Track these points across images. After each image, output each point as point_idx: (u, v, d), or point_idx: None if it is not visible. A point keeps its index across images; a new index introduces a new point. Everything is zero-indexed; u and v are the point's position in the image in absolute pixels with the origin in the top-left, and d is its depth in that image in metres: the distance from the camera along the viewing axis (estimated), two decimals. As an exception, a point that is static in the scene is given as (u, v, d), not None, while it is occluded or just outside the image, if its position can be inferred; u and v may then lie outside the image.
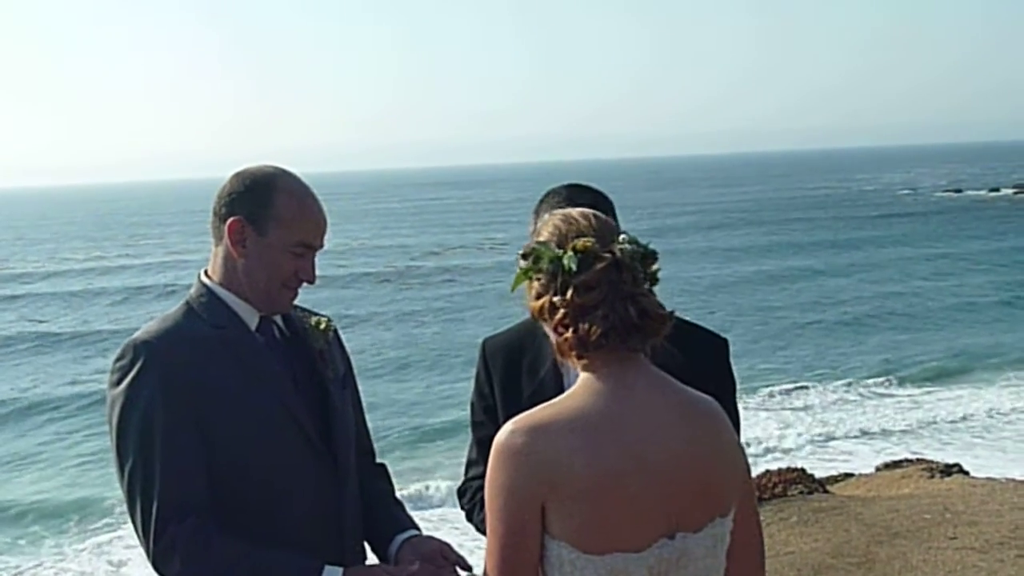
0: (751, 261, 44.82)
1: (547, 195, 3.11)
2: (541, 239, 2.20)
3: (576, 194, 3.04)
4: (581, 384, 2.15)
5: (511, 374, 3.11)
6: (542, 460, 2.04)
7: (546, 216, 2.30)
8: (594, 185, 3.14)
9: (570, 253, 2.13)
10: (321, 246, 2.76)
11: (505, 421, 3.05)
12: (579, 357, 2.15)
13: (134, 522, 2.56)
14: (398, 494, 3.08)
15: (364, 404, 3.06)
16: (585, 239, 2.15)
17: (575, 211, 2.25)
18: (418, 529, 2.88)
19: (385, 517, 2.89)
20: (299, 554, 2.61)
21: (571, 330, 2.12)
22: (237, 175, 2.74)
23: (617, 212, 2.99)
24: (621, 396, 2.11)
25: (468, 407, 3.25)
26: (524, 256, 2.19)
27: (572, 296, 2.11)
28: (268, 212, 2.67)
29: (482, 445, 3.18)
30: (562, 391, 2.95)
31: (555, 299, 2.14)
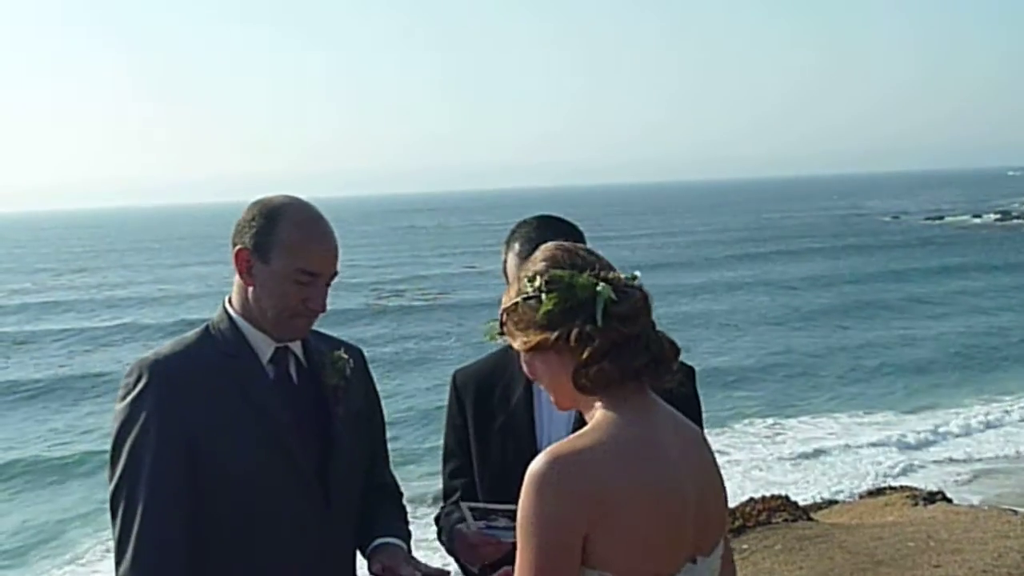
0: (746, 293, 43.31)
1: (519, 226, 3.10)
2: (554, 270, 2.15)
3: (547, 225, 3.05)
4: (603, 415, 2.11)
5: (483, 404, 3.11)
6: (586, 490, 2.00)
7: (528, 249, 2.21)
8: (565, 217, 3.15)
9: (603, 284, 2.11)
10: (332, 274, 2.74)
11: (478, 451, 3.11)
12: (604, 388, 2.11)
13: (115, 539, 2.59)
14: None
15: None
16: (614, 272, 2.15)
17: (573, 245, 2.23)
18: (401, 539, 2.88)
19: (376, 526, 2.90)
20: None
21: (608, 360, 2.08)
22: (251, 205, 2.76)
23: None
24: (647, 423, 2.11)
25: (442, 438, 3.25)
26: (549, 283, 2.12)
27: (616, 326, 2.09)
28: (272, 240, 2.67)
29: (456, 475, 3.19)
30: (533, 419, 3.01)
31: (588, 328, 2.09)
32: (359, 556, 2.91)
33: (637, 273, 2.20)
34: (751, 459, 18.37)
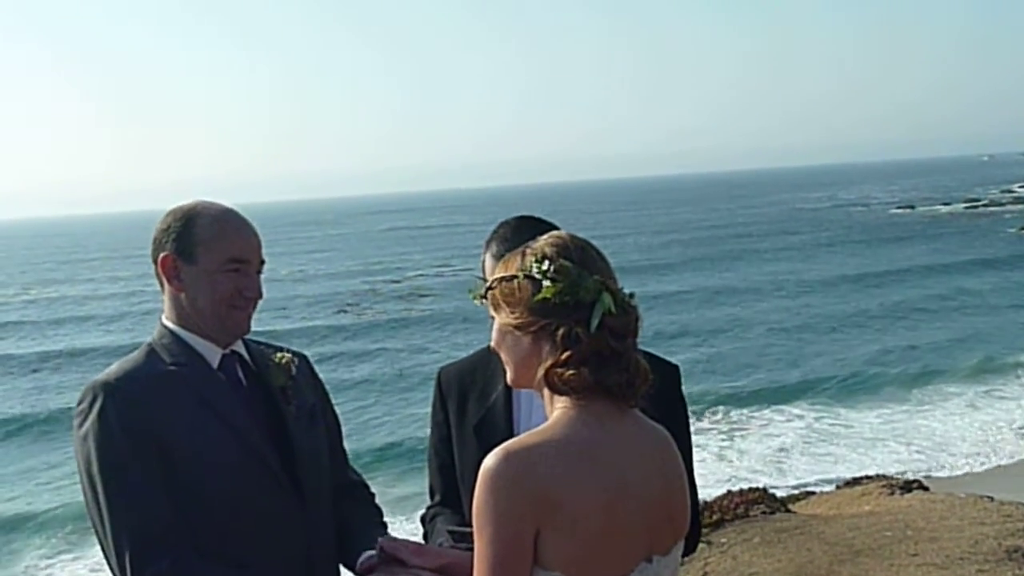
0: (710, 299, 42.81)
1: (499, 227, 3.08)
2: (563, 260, 2.12)
3: (526, 226, 3.01)
4: (564, 414, 2.12)
5: (463, 401, 3.11)
6: (537, 486, 2.01)
7: (504, 250, 2.17)
8: (547, 218, 3.12)
9: (606, 292, 2.10)
10: (259, 261, 2.78)
11: (457, 448, 3.10)
12: (573, 392, 2.11)
13: (110, 565, 2.56)
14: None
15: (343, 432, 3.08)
16: (620, 290, 2.14)
17: (587, 243, 2.21)
18: None
19: (360, 539, 2.86)
20: None
21: (587, 368, 2.09)
22: (163, 217, 2.79)
23: None
24: (605, 425, 2.11)
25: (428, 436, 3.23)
26: (557, 272, 2.10)
27: (606, 337, 2.09)
28: (194, 239, 2.71)
29: (440, 473, 3.17)
30: (511, 416, 2.99)
31: (578, 330, 2.09)
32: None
33: (633, 292, 2.19)
34: (722, 451, 18.44)
